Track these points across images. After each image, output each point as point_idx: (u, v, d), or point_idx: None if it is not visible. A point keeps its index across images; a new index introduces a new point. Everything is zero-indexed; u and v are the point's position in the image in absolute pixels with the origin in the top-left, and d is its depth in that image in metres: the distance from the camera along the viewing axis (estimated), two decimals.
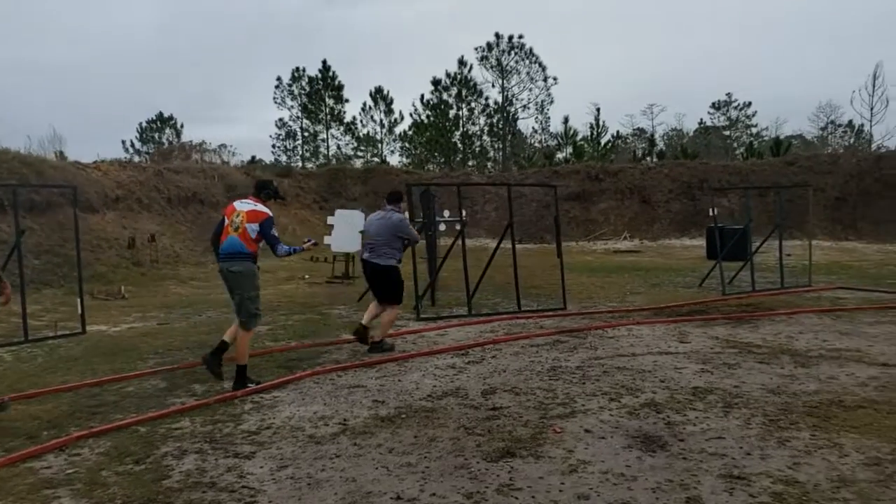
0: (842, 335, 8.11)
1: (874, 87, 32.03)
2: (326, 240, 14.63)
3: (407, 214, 8.23)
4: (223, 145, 33.89)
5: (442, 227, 27.35)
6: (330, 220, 14.52)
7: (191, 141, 30.96)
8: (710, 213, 17.61)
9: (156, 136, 59.34)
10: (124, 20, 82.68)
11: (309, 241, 6.68)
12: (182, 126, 57.69)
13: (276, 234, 6.18)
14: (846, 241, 23.42)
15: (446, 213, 24.67)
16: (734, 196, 24.99)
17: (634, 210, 26.40)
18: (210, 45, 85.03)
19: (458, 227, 15.08)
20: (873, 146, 31.52)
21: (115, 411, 5.43)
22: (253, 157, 35.74)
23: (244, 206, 6.16)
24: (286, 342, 8.15)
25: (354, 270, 14.90)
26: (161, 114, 59.23)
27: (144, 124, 59.41)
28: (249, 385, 5.97)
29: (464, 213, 11.69)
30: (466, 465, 4.23)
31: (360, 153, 51.95)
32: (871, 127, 34.19)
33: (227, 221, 6.15)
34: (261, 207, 6.15)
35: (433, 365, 6.90)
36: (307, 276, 15.21)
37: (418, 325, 9.25)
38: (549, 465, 4.20)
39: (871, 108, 32.21)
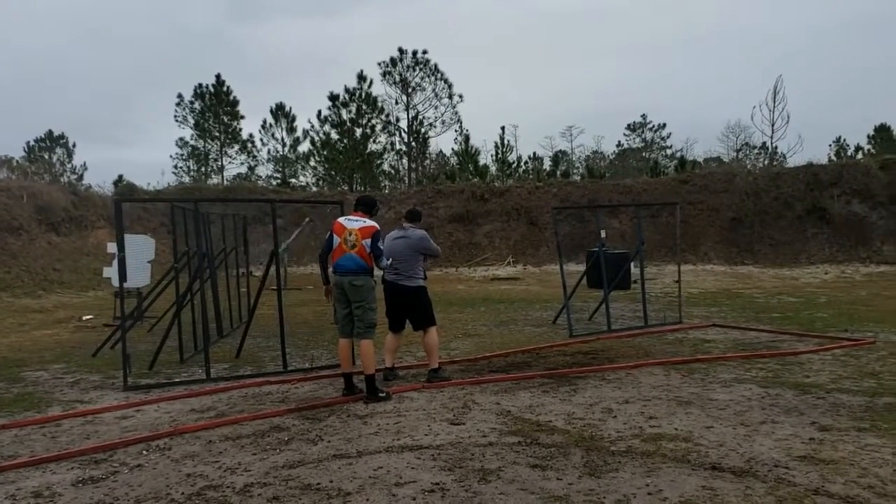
0: (679, 406, 5.89)
1: (775, 102, 31.03)
2: (106, 272, 11.84)
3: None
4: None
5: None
6: (111, 247, 11.73)
7: None
8: (601, 235, 15.68)
9: (45, 155, 55.17)
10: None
11: None
12: (74, 146, 53.93)
13: (382, 247, 6.42)
14: (742, 266, 21.80)
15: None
16: (625, 217, 23.17)
17: (521, 232, 24.12)
18: (112, 65, 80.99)
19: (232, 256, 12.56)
20: (775, 161, 30.44)
21: None
22: (120, 177, 32.21)
23: (354, 223, 6.35)
24: None
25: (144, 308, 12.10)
26: (51, 132, 55.01)
27: (32, 143, 55.20)
28: (381, 395, 6.21)
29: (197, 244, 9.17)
30: None
31: (276, 174, 48.65)
32: (772, 143, 33.30)
33: (337, 239, 6.31)
34: (370, 222, 6.41)
35: (14, 490, 4.27)
36: (85, 317, 12.33)
37: (120, 398, 6.64)
38: None
39: (773, 124, 31.19)
